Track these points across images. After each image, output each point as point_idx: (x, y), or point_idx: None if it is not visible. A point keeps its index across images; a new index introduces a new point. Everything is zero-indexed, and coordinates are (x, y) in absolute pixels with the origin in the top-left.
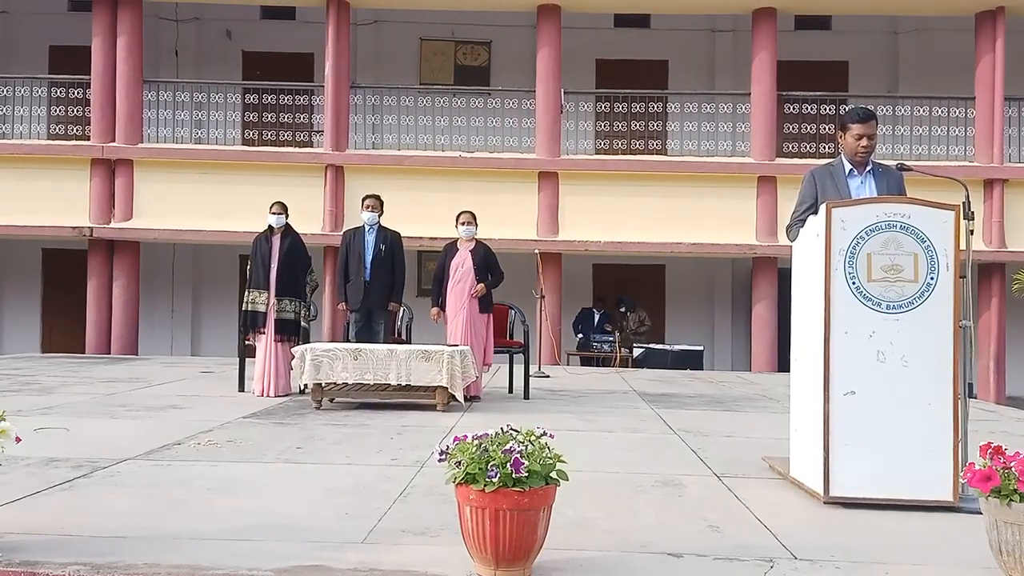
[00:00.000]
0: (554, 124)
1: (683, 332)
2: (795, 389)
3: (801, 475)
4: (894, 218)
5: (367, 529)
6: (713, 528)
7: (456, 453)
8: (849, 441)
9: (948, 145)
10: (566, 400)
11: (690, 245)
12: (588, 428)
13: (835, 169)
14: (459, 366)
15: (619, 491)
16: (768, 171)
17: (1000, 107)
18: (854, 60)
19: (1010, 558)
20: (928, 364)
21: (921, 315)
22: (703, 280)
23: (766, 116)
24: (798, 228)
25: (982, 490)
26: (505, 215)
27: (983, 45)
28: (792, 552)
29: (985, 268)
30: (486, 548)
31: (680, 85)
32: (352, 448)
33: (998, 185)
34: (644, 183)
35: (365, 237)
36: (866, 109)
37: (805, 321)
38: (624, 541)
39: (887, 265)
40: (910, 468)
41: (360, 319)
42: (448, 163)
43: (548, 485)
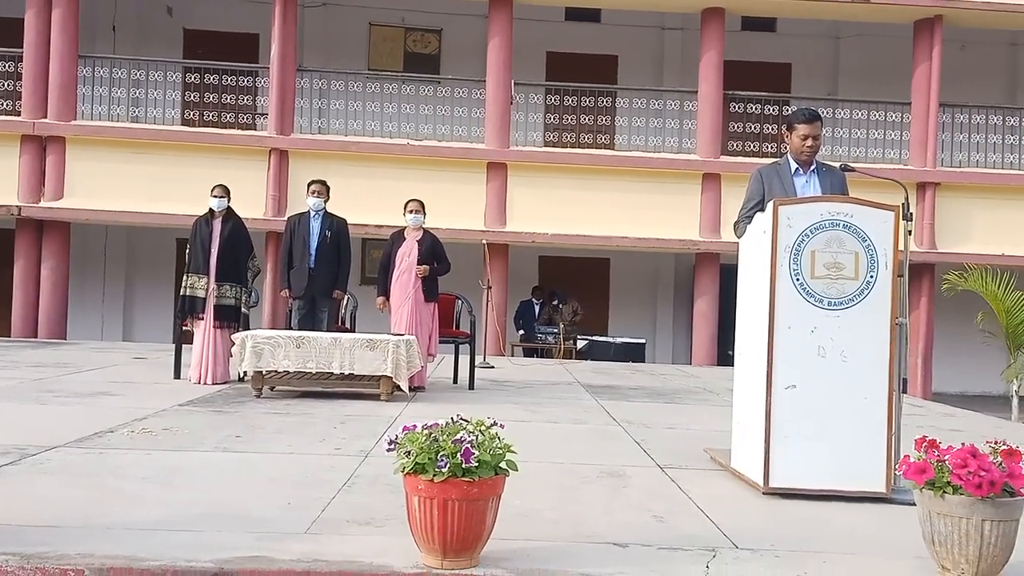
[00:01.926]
0: (504, 115)
1: (626, 325)
2: (738, 382)
3: (742, 466)
4: (837, 217)
5: (310, 519)
6: (657, 518)
7: (405, 443)
8: (789, 433)
9: (884, 148)
10: (511, 391)
11: (635, 239)
12: (533, 419)
13: (782, 168)
14: (404, 355)
15: (565, 482)
16: (713, 168)
17: (935, 113)
18: (797, 62)
19: (942, 548)
20: (866, 359)
21: (860, 312)
22: (647, 274)
23: (712, 114)
24: (745, 224)
25: (917, 482)
26: (453, 205)
27: (920, 52)
28: (733, 541)
29: (916, 268)
30: (434, 538)
31: (629, 81)
32: (294, 437)
33: (931, 188)
34: (592, 177)
35: (310, 223)
36: (812, 110)
37: (750, 316)
38: (570, 531)
39: (830, 263)
40: (846, 460)
41: (303, 306)
42: (396, 151)
43: (497, 475)
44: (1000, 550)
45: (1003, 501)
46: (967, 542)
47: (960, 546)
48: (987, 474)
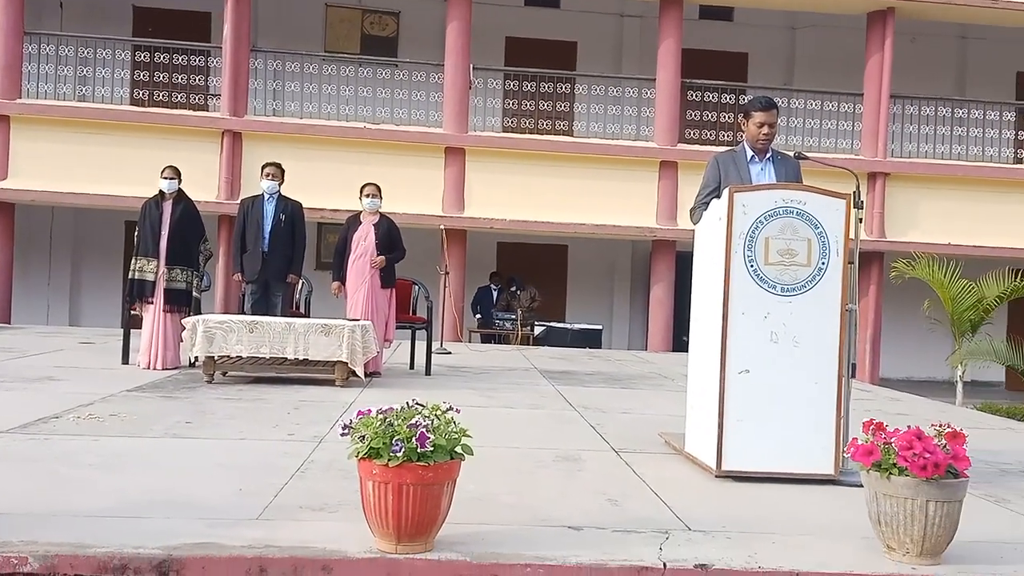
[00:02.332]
0: (462, 100)
1: (583, 311)
2: (693, 367)
3: (696, 450)
4: (791, 204)
5: (262, 505)
6: (612, 502)
7: (360, 427)
8: (742, 417)
9: (837, 138)
10: (468, 376)
11: (593, 226)
12: (490, 404)
13: (738, 155)
14: (360, 341)
15: (521, 466)
16: (670, 156)
17: (886, 104)
18: (754, 52)
19: (888, 528)
20: (817, 345)
21: (812, 298)
22: (604, 261)
23: (670, 102)
24: (701, 211)
25: (864, 464)
26: (410, 189)
27: (873, 44)
28: (686, 524)
29: (866, 256)
30: (388, 523)
31: (588, 67)
32: (247, 423)
33: (881, 178)
34: (550, 163)
35: (264, 206)
36: (769, 98)
37: (705, 302)
38: (525, 515)
39: (783, 249)
40: (797, 443)
41: (256, 291)
42: (353, 134)
43: (453, 460)
44: (944, 530)
45: (947, 482)
46: (912, 522)
47: (905, 526)
48: (932, 456)
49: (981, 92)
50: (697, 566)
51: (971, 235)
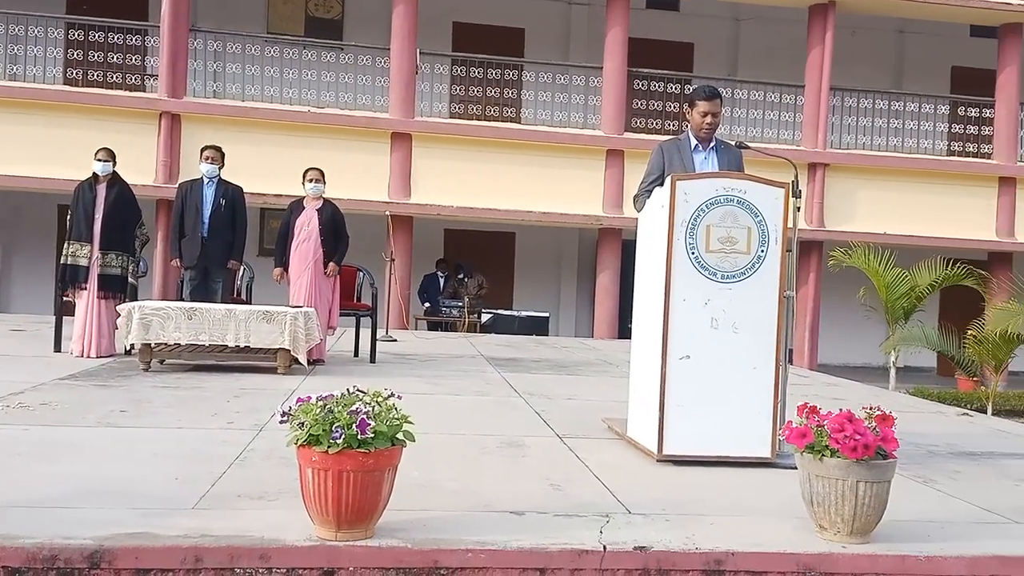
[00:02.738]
0: (409, 85)
1: (531, 299)
2: (635, 354)
3: (638, 435)
4: (732, 193)
5: (199, 494)
6: (554, 487)
7: (299, 414)
8: (682, 402)
9: (779, 129)
10: (414, 364)
11: (540, 214)
12: (435, 391)
13: (682, 143)
14: (302, 328)
15: (465, 452)
16: (617, 145)
17: (826, 96)
18: (699, 43)
19: (820, 508)
20: (755, 331)
21: (751, 285)
22: (551, 249)
23: (616, 91)
24: (645, 199)
25: (798, 446)
26: (356, 175)
27: (814, 37)
28: (627, 507)
29: (805, 245)
30: (328, 510)
31: (535, 54)
32: (184, 411)
33: (820, 169)
34: (498, 150)
35: (203, 190)
36: (713, 88)
37: (647, 288)
38: (468, 500)
39: (724, 237)
40: (735, 427)
41: (195, 277)
42: (296, 118)
43: (394, 446)
44: (873, 509)
45: (876, 463)
46: (843, 502)
47: (837, 506)
48: (862, 438)
49: (917, 86)
50: (636, 548)
51: (905, 225)
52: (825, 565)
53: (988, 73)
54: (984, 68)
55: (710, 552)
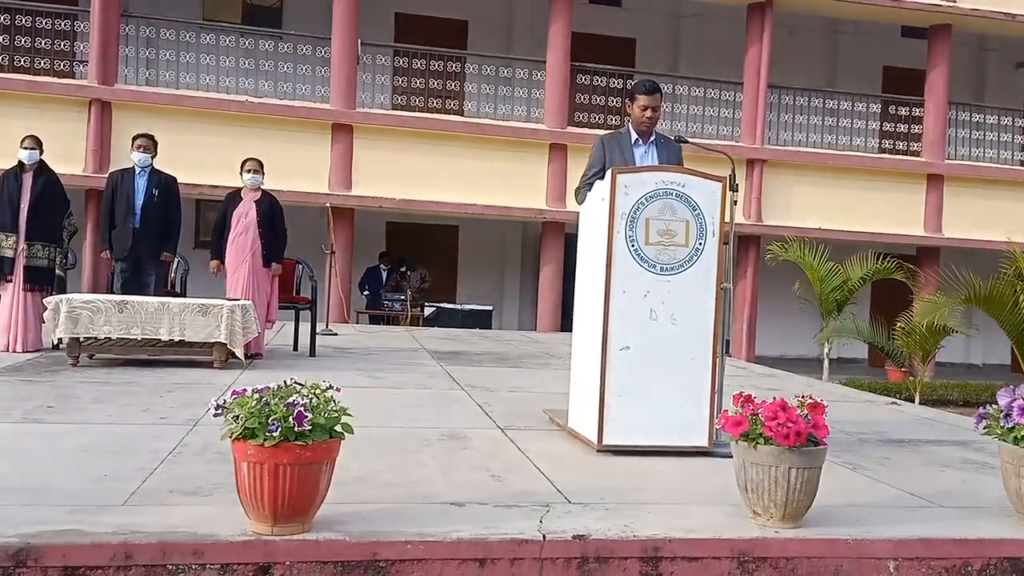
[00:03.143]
0: (350, 75)
1: (474, 292)
2: (576, 345)
3: (578, 426)
4: (671, 186)
5: (129, 491)
6: (495, 477)
7: (234, 407)
8: (622, 393)
9: (719, 125)
10: (354, 358)
11: (483, 207)
12: (376, 385)
13: (622, 137)
14: (240, 321)
15: (406, 445)
16: (560, 139)
17: (764, 94)
18: (641, 38)
19: (754, 495)
20: (693, 322)
21: (689, 277)
22: (495, 242)
23: (559, 85)
24: (586, 191)
25: (733, 434)
26: (295, 166)
27: (752, 35)
28: (567, 497)
29: (744, 240)
30: (263, 505)
31: (479, 47)
32: (114, 407)
33: (758, 165)
34: (441, 142)
35: (135, 180)
36: (653, 83)
37: (588, 280)
38: (408, 493)
39: (663, 230)
40: (674, 417)
41: (127, 269)
42: (234, 107)
43: (332, 439)
44: (804, 495)
45: (808, 450)
46: (776, 488)
47: (770, 492)
48: (794, 425)
49: (850, 85)
50: (575, 536)
51: (839, 220)
52: (758, 550)
53: (918, 73)
54: (914, 68)
55: (647, 539)
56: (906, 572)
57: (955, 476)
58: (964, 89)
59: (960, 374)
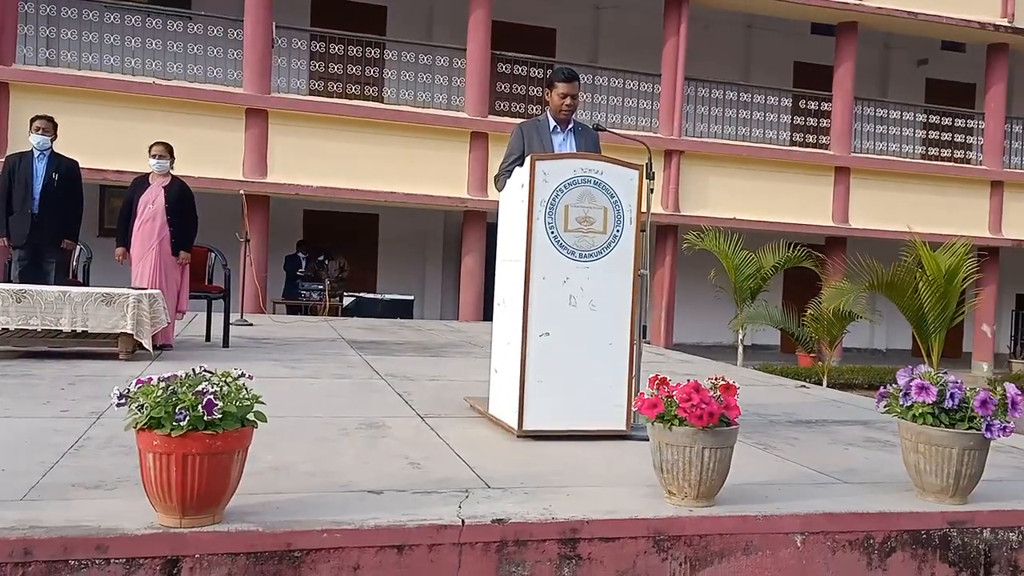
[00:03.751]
0: (264, 59)
1: (394, 281)
2: (497, 332)
3: (499, 412)
4: (589, 174)
5: (28, 485)
6: (414, 465)
7: (139, 396)
8: (542, 378)
9: (638, 116)
10: (270, 348)
11: (403, 195)
12: (293, 375)
13: (541, 124)
14: (147, 311)
15: (323, 434)
16: (481, 127)
17: (681, 86)
18: (561, 28)
19: (669, 475)
20: (611, 308)
21: (608, 264)
22: (416, 231)
23: (480, 73)
24: (505, 178)
25: (649, 416)
26: (207, 151)
27: (670, 28)
28: (486, 482)
29: (662, 229)
30: (171, 496)
31: (398, 33)
32: (11, 400)
33: (676, 155)
34: (359, 129)
35: (34, 164)
36: (571, 70)
37: (508, 267)
38: (325, 482)
39: (581, 217)
40: (593, 402)
41: (25, 257)
42: (140, 89)
43: (244, 427)
44: (717, 474)
45: (720, 430)
46: (690, 468)
47: (684, 472)
48: (707, 406)
49: (763, 79)
50: (494, 521)
51: (753, 210)
52: (673, 528)
53: (827, 69)
54: (823, 64)
55: (566, 522)
56: (812, 546)
57: (859, 454)
58: (870, 85)
59: (865, 359)
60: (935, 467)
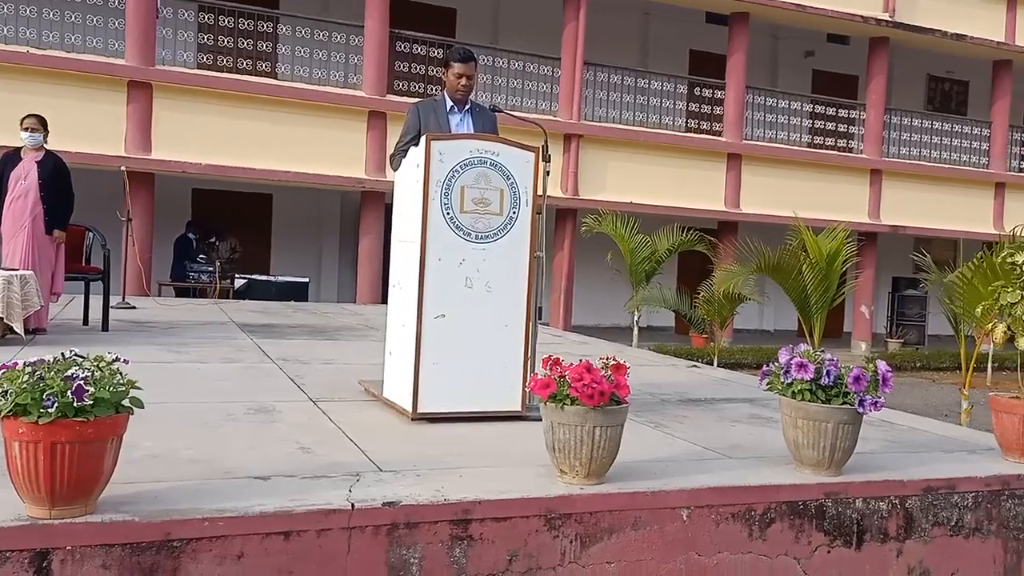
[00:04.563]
0: (148, 29)
1: (289, 263)
2: (392, 314)
3: (394, 395)
4: (485, 155)
5: None
6: (304, 449)
7: (3, 382)
8: (437, 361)
9: (538, 99)
10: (154, 332)
11: (298, 175)
12: (178, 360)
13: (438, 104)
14: (18, 293)
15: (208, 420)
16: (379, 107)
17: (580, 70)
18: (462, 9)
19: (561, 454)
20: (507, 290)
21: (504, 245)
22: (312, 212)
23: (378, 51)
24: (400, 158)
25: (542, 396)
26: (86, 126)
27: (569, 12)
28: (378, 465)
29: (561, 213)
30: (39, 486)
31: (292, 7)
32: None
33: (575, 139)
34: (251, 106)
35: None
36: (468, 50)
37: (403, 248)
38: (209, 469)
39: (477, 198)
40: (488, 384)
41: None
42: (12, 58)
43: (119, 414)
44: (608, 452)
45: (610, 409)
46: (581, 447)
47: (575, 451)
48: (598, 386)
49: (660, 66)
50: (385, 504)
51: (650, 195)
52: (564, 506)
53: (720, 57)
54: (717, 53)
55: (458, 503)
56: (698, 520)
57: (744, 430)
58: (761, 74)
59: (755, 339)
60: (812, 441)
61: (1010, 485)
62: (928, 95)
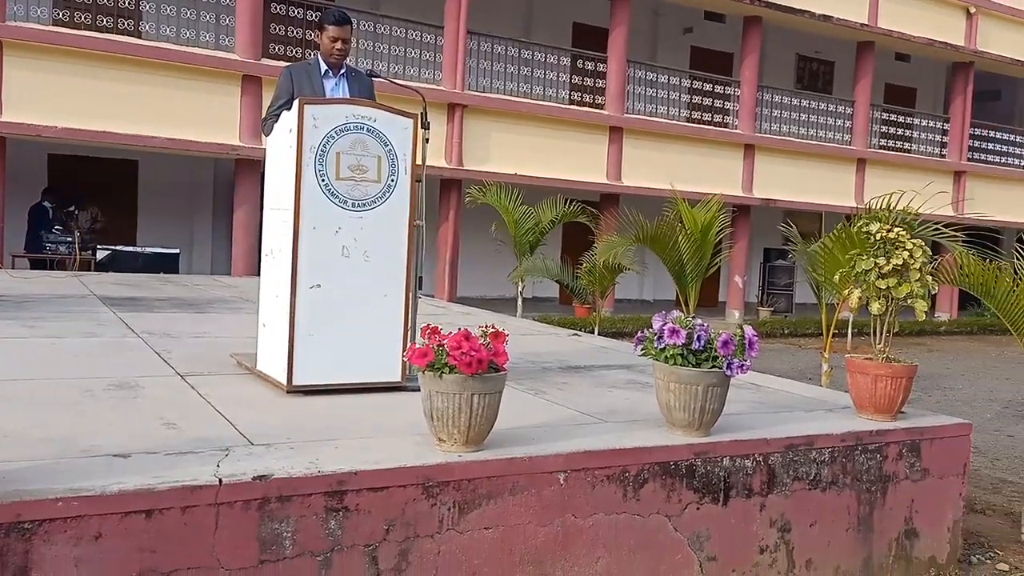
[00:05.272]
0: None
1: (158, 234)
2: (264, 285)
3: (267, 368)
4: (362, 120)
5: None
6: (169, 425)
7: None
8: (313, 332)
9: (420, 68)
10: (7, 306)
11: (165, 140)
12: (31, 335)
13: (312, 68)
14: None
15: (64, 397)
16: (253, 71)
17: (464, 39)
18: None
19: (439, 423)
20: (386, 259)
21: (382, 214)
22: (182, 180)
23: (252, 12)
24: (272, 123)
25: (420, 365)
26: None
27: None
28: (249, 439)
29: (446, 184)
30: None
31: None
32: None
33: (459, 110)
34: (113, 67)
35: None
36: (343, 13)
37: (276, 217)
38: (63, 448)
39: (354, 165)
40: (367, 354)
41: None
42: None
43: None
44: (486, 419)
45: (489, 376)
46: (459, 414)
47: (454, 419)
48: (476, 353)
49: (544, 37)
50: (256, 478)
51: (534, 166)
52: (442, 474)
53: (603, 31)
54: (600, 26)
55: (332, 474)
56: (574, 483)
57: (620, 395)
58: (641, 50)
59: (635, 309)
60: (683, 403)
61: (863, 440)
62: (797, 74)
